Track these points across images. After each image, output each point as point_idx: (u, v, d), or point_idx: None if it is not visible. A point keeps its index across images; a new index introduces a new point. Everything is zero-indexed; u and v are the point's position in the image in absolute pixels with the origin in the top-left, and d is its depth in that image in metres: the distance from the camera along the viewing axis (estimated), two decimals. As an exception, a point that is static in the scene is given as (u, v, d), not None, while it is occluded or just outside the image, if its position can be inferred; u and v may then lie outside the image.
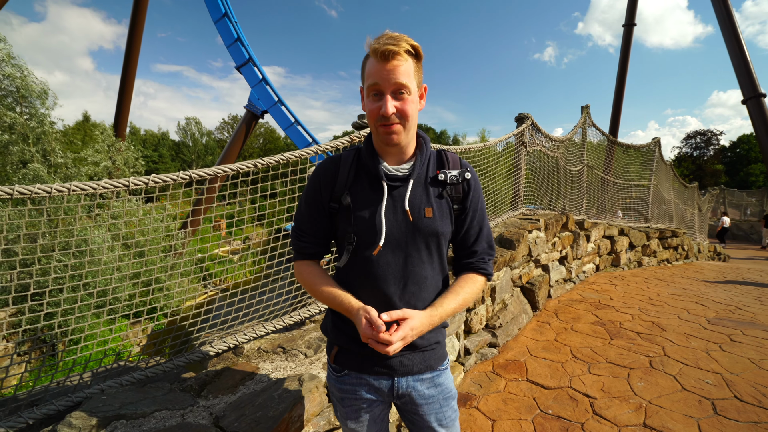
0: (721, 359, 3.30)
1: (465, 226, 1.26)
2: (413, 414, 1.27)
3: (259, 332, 2.36)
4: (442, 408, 1.26)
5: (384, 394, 1.24)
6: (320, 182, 1.23)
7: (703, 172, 48.84)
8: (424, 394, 1.24)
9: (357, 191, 1.19)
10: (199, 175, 2.18)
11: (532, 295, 4.51)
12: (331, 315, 1.30)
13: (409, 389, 1.22)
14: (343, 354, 1.26)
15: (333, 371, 1.30)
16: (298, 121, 19.26)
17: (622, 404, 2.69)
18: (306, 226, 1.26)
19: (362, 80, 1.15)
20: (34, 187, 1.65)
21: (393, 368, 1.21)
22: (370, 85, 1.09)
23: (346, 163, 1.22)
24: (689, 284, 6.56)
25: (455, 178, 1.21)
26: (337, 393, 1.29)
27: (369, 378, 1.23)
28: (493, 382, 3.08)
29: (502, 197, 5.39)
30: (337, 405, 1.31)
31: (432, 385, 1.25)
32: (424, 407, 1.24)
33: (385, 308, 1.14)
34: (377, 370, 1.21)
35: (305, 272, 1.26)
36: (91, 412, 1.53)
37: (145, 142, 55.88)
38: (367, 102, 1.13)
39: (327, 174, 1.23)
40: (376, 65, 1.07)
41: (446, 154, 1.28)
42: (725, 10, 15.24)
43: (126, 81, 18.83)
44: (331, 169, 1.23)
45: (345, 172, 1.21)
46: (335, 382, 1.29)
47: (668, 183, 12.07)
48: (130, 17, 18.44)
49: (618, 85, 22.88)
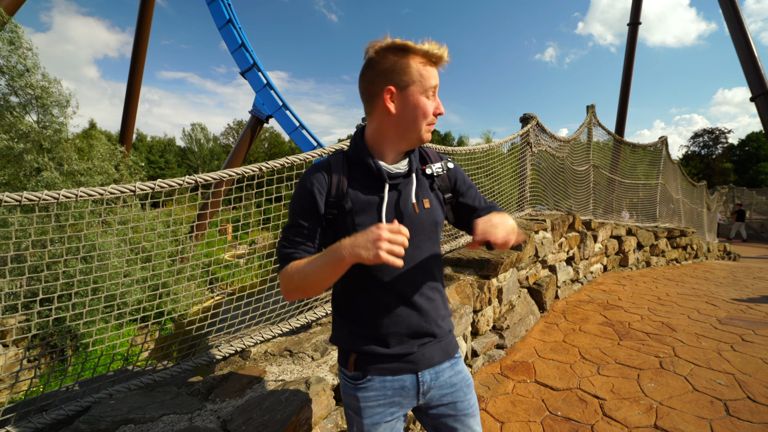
0: (732, 359, 3.25)
1: (466, 202, 1.35)
2: (438, 407, 1.25)
3: (265, 335, 2.37)
4: (466, 396, 1.27)
5: (409, 395, 1.21)
6: (312, 190, 1.16)
7: (711, 170, 48.35)
8: (448, 383, 1.25)
9: (355, 194, 1.18)
10: (205, 180, 2.19)
11: (540, 296, 4.47)
12: (342, 323, 1.24)
13: (432, 382, 1.22)
14: (362, 358, 1.20)
15: (351, 380, 1.22)
16: (303, 125, 19.37)
17: (633, 405, 2.66)
18: (298, 237, 1.17)
19: (407, 79, 1.12)
20: (42, 194, 1.67)
21: (416, 362, 1.20)
22: (433, 86, 1.15)
23: (336, 167, 1.20)
24: (699, 284, 6.48)
25: (440, 169, 1.30)
26: (357, 403, 1.20)
27: (393, 379, 1.19)
28: (501, 384, 3.06)
29: (507, 198, 5.37)
30: (355, 418, 1.22)
31: (453, 373, 1.27)
32: (449, 396, 1.25)
33: (402, 301, 1.17)
34: (401, 368, 1.19)
35: (292, 268, 1.12)
36: (99, 417, 1.54)
37: (151, 148, 56.48)
38: (424, 101, 1.15)
39: (319, 181, 1.18)
40: (431, 67, 1.14)
41: (426, 150, 1.35)
42: (732, 7, 15.10)
43: (132, 88, 19.04)
44: (322, 175, 1.19)
45: (338, 176, 1.18)
46: (353, 391, 1.21)
47: (676, 182, 11.96)
48: (136, 26, 18.66)
49: (623, 84, 22.73)
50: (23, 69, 10.69)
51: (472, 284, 3.30)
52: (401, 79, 1.12)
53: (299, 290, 1.12)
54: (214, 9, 18.85)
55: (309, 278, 1.08)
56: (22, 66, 10.70)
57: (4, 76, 10.61)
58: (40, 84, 10.90)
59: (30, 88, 10.70)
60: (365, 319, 1.18)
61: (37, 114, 11.13)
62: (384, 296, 1.17)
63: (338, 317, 1.27)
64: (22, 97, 10.90)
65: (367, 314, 1.18)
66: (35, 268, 6.77)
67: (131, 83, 19.03)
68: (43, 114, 11.23)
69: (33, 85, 10.72)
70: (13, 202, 1.59)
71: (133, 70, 18.90)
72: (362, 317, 1.19)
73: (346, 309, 1.23)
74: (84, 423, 1.51)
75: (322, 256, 1.07)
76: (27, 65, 10.76)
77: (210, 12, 18.99)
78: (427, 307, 1.21)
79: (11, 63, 10.60)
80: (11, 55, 10.60)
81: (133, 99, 19.09)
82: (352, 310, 1.21)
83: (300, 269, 1.09)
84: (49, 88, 11.14)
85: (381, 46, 1.12)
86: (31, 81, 10.72)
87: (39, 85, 10.88)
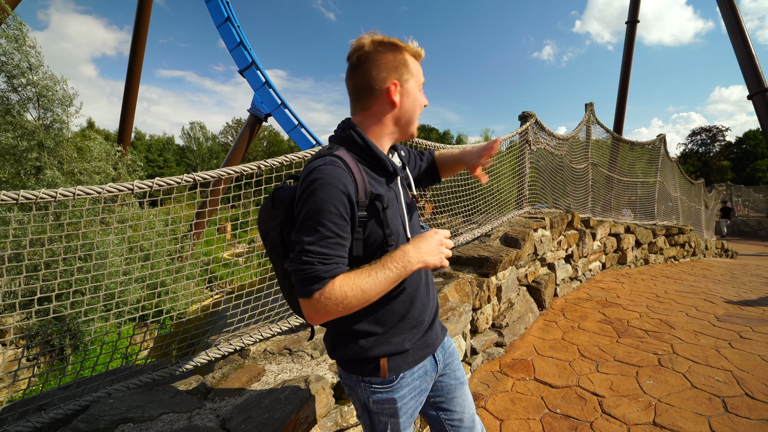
0: (731, 356, 3.26)
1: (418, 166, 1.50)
2: (447, 378, 1.35)
3: (264, 334, 2.36)
4: (459, 365, 1.42)
5: (431, 376, 1.28)
6: (349, 192, 1.03)
7: (709, 168, 48.47)
8: (449, 351, 1.38)
9: (378, 192, 1.12)
10: (204, 178, 2.18)
11: (539, 294, 4.48)
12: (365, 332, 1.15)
13: (443, 355, 1.34)
14: (393, 360, 1.16)
15: (382, 385, 1.16)
16: (302, 123, 19.32)
17: (632, 403, 2.66)
18: (334, 248, 1.00)
19: (403, 76, 1.16)
20: (40, 192, 1.66)
21: (434, 343, 1.28)
22: (423, 81, 1.24)
23: (354, 166, 1.08)
24: (697, 281, 6.50)
25: (404, 154, 1.40)
26: (394, 405, 1.17)
27: (418, 368, 1.22)
28: (501, 382, 3.06)
29: (506, 196, 5.37)
30: (390, 421, 1.18)
31: (448, 342, 1.40)
32: (452, 365, 1.37)
33: (423, 288, 1.25)
34: (424, 354, 1.24)
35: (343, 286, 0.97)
36: (98, 416, 1.53)
37: (150, 147, 56.29)
38: (418, 96, 1.22)
39: (349, 183, 1.04)
40: (417, 64, 1.21)
41: None
42: (729, 6, 15.11)
43: (130, 87, 18.97)
44: (348, 176, 1.05)
45: (360, 175, 1.08)
46: (389, 395, 1.16)
47: (674, 180, 11.98)
48: (134, 24, 18.59)
49: (622, 82, 22.74)
50: (26, 67, 10.67)
51: (471, 282, 3.30)
52: (402, 73, 1.15)
53: (349, 308, 0.99)
54: (212, 7, 18.77)
55: (368, 294, 0.98)
56: (26, 64, 10.68)
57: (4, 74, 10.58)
58: (42, 82, 10.87)
59: (31, 85, 10.67)
60: (396, 316, 1.17)
61: (37, 112, 11.10)
62: (412, 283, 1.21)
63: (357, 326, 1.15)
64: (22, 94, 10.87)
65: (399, 310, 1.17)
66: (34, 266, 6.76)
67: (129, 82, 18.95)
68: (43, 112, 11.20)
69: (35, 83, 10.69)
70: (9, 200, 1.58)
71: (132, 68, 18.83)
72: (395, 312, 1.16)
73: (371, 314, 1.14)
74: (83, 422, 1.50)
75: (381, 268, 1.00)
76: (31, 63, 10.73)
77: (208, 10, 18.91)
78: (432, 289, 1.32)
79: (14, 60, 10.57)
80: (15, 52, 10.57)
81: (131, 98, 19.02)
82: (380, 313, 1.15)
83: (353, 286, 0.97)
84: (54, 87, 11.12)
85: (377, 40, 1.13)
86: (32, 79, 10.69)
87: (41, 83, 10.85)
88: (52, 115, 11.27)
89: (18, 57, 10.57)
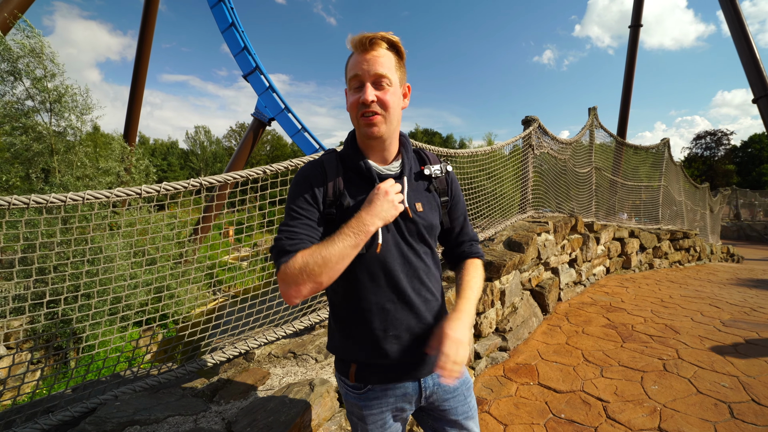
0: (737, 362, 3.24)
1: (453, 216, 1.32)
2: (439, 412, 1.25)
3: (269, 337, 2.38)
4: (466, 399, 1.27)
5: (411, 400, 1.21)
6: (311, 186, 1.13)
7: (714, 172, 48.21)
8: (449, 388, 1.24)
9: (352, 194, 1.16)
10: (209, 182, 2.21)
11: (542, 299, 4.47)
12: (341, 329, 1.22)
13: (435, 387, 1.22)
14: (363, 369, 1.18)
15: (352, 389, 1.21)
16: (305, 127, 19.41)
17: (636, 408, 2.65)
18: (301, 228, 1.10)
19: (346, 80, 1.15)
20: (50, 197, 1.69)
21: (419, 369, 1.19)
22: (352, 78, 1.10)
23: (330, 166, 1.18)
24: (702, 286, 6.46)
25: (439, 171, 1.27)
26: (360, 411, 1.20)
27: (395, 387, 1.18)
28: (504, 387, 3.06)
29: (509, 200, 5.37)
30: (358, 424, 1.24)
31: (457, 383, 1.26)
32: (450, 401, 1.24)
33: (399, 302, 1.15)
34: (402, 376, 1.18)
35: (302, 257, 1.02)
36: (105, 418, 1.55)
37: (154, 151, 56.67)
38: (349, 96, 1.14)
39: (317, 178, 1.15)
40: (356, 57, 1.10)
41: (424, 152, 1.33)
42: (733, 10, 15.10)
43: (135, 92, 19.16)
44: (319, 172, 1.16)
45: (333, 175, 1.16)
46: (356, 401, 1.21)
47: (678, 184, 11.93)
48: (139, 30, 18.80)
49: (625, 86, 22.72)
50: (42, 74, 10.97)
51: (474, 286, 3.30)
52: (346, 79, 1.16)
53: (313, 277, 1.00)
54: (217, 12, 18.94)
55: (329, 260, 1.01)
56: (41, 71, 11.00)
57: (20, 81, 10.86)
58: (57, 90, 11.15)
59: (46, 92, 10.94)
60: (364, 322, 1.15)
61: (49, 117, 11.31)
62: (381, 296, 1.14)
63: (335, 323, 1.24)
64: (37, 101, 11.12)
65: (365, 316, 1.15)
66: (42, 270, 6.81)
67: (134, 87, 19.15)
68: (56, 119, 11.41)
69: (49, 90, 10.96)
70: (21, 204, 1.61)
71: (137, 74, 19.04)
72: (360, 320, 1.16)
73: (344, 313, 1.20)
74: (90, 424, 1.52)
75: (339, 236, 1.03)
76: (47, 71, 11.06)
77: (213, 15, 19.08)
78: (423, 308, 1.18)
79: (31, 68, 10.92)
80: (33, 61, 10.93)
81: (136, 102, 19.20)
82: (350, 314, 1.18)
83: (314, 254, 1.01)
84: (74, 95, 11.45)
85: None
86: (47, 87, 10.97)
87: (56, 91, 11.13)
88: (65, 122, 11.51)
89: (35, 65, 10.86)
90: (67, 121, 11.52)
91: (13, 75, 10.82)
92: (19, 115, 10.91)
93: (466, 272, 1.27)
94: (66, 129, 11.54)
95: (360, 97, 1.08)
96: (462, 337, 1.06)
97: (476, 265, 1.30)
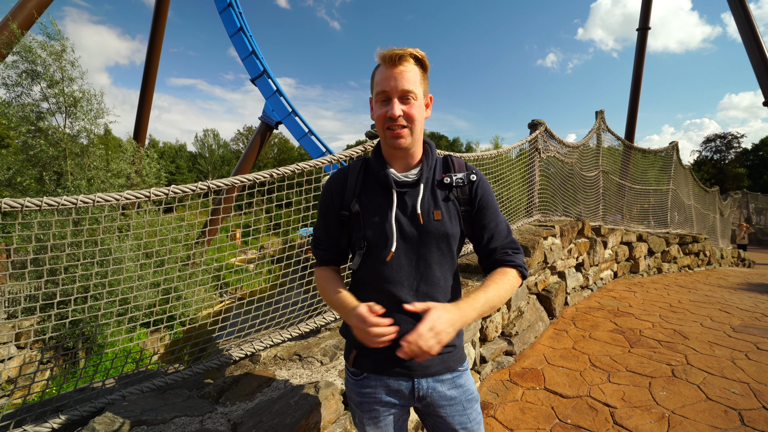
0: (747, 368, 3.19)
1: (480, 224, 1.27)
2: (436, 417, 1.25)
3: (275, 340, 2.39)
4: (465, 410, 1.25)
5: (404, 396, 1.23)
6: (331, 192, 1.30)
7: (724, 175, 47.54)
8: (446, 395, 1.23)
9: (366, 198, 1.25)
10: (217, 186, 2.23)
11: (549, 303, 4.44)
12: None
13: (429, 390, 1.22)
14: (362, 356, 1.26)
15: (351, 375, 1.30)
16: (312, 131, 19.53)
17: (644, 414, 2.62)
18: (321, 234, 1.34)
19: (371, 91, 1.21)
20: (61, 199, 1.72)
21: (412, 369, 1.20)
22: (379, 92, 1.15)
23: (353, 172, 1.29)
24: (712, 291, 6.38)
25: (461, 180, 1.26)
26: (356, 397, 1.28)
27: (389, 380, 1.23)
28: (510, 391, 3.04)
29: (516, 204, 5.35)
30: (356, 410, 1.31)
31: (453, 386, 1.24)
32: (447, 409, 1.23)
33: (399, 310, 1.16)
34: (397, 371, 1.21)
35: (320, 277, 1.33)
36: (113, 418, 1.57)
37: (163, 154, 57.27)
38: (375, 108, 1.19)
39: (337, 184, 1.31)
40: (384, 72, 1.14)
41: (452, 159, 1.33)
42: (743, 12, 14.97)
43: (145, 95, 19.40)
44: (340, 179, 1.31)
45: (353, 181, 1.28)
46: (354, 386, 1.29)
47: (687, 187, 11.80)
48: (149, 35, 19.07)
49: (633, 89, 22.57)
50: (60, 78, 11.15)
51: (480, 290, 3.29)
52: (371, 90, 1.21)
53: (320, 294, 1.34)
54: (225, 17, 19.17)
55: (325, 297, 1.31)
56: (59, 74, 11.17)
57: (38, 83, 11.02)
58: (74, 94, 11.33)
59: (62, 95, 11.09)
60: None
61: (64, 120, 11.48)
62: (382, 301, 1.16)
63: None
64: (52, 103, 11.30)
65: None
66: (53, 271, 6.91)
67: (144, 91, 19.39)
68: (71, 122, 11.58)
69: (66, 94, 11.13)
70: (33, 207, 1.64)
71: (146, 78, 19.29)
72: None
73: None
74: (98, 423, 1.54)
75: (338, 300, 1.22)
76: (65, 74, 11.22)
77: (222, 20, 19.32)
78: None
79: (50, 72, 11.07)
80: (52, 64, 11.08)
81: (146, 105, 19.44)
82: None
83: (323, 286, 1.30)
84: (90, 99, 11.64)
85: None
86: (63, 91, 11.12)
87: (73, 95, 11.30)
88: (79, 126, 11.68)
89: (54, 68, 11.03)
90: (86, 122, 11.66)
91: (31, 76, 10.96)
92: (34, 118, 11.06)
93: (490, 276, 1.23)
94: (79, 132, 11.70)
95: (387, 111, 1.14)
96: (439, 328, 1.03)
97: (502, 273, 1.23)
